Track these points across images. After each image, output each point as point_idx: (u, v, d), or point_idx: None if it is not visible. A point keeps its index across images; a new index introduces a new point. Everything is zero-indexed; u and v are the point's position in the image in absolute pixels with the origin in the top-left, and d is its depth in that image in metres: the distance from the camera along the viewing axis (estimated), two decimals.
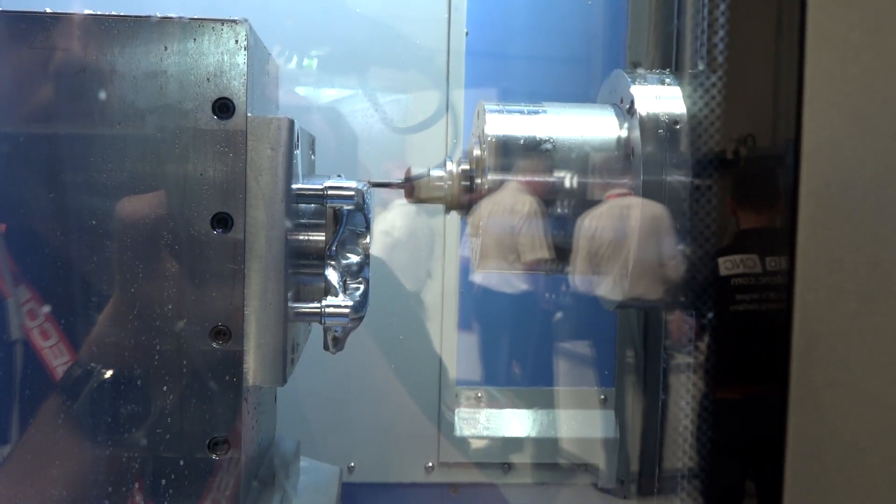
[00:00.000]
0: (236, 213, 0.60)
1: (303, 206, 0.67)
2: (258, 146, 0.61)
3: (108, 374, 0.60)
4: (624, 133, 0.71)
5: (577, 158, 0.71)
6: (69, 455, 0.60)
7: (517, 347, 1.24)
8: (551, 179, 0.71)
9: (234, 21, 0.60)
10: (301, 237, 0.68)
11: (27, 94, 0.59)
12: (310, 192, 0.66)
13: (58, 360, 0.59)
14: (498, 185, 0.71)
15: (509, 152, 0.72)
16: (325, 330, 0.67)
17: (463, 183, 0.74)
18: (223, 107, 0.60)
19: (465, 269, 1.15)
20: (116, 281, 0.59)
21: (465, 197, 0.74)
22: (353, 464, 1.16)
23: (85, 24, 0.59)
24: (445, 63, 1.13)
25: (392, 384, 1.15)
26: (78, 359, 0.60)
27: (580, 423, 1.22)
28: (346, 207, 0.67)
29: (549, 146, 0.71)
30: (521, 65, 1.24)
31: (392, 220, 1.14)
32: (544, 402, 1.22)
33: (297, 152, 0.65)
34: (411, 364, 1.16)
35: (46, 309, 0.59)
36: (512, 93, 1.27)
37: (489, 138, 0.71)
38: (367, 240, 0.71)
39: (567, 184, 0.71)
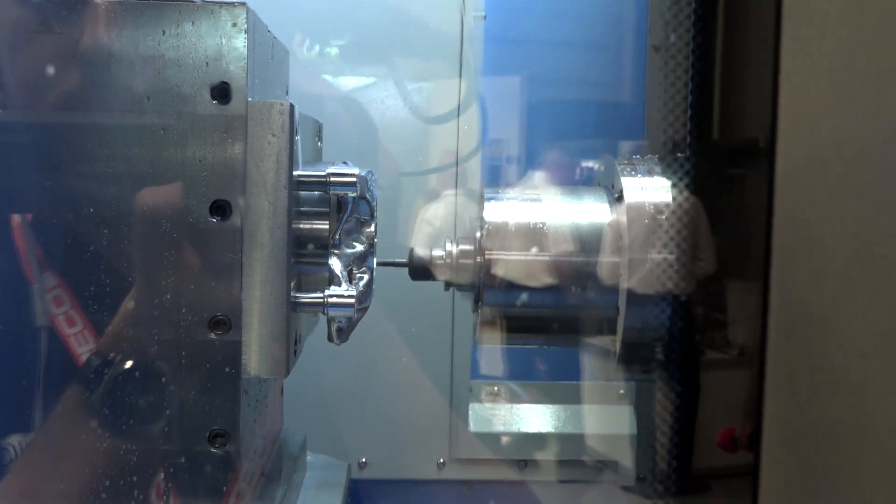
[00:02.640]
0: (235, 201, 0.61)
1: (305, 193, 0.67)
2: (259, 132, 0.61)
3: (107, 367, 0.61)
4: (613, 218, 0.78)
5: (568, 241, 0.79)
6: (76, 447, 0.61)
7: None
8: (545, 259, 0.79)
9: (232, 3, 0.60)
10: (304, 225, 0.68)
11: (22, 80, 0.59)
12: (312, 179, 0.66)
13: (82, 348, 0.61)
14: (495, 266, 0.79)
15: (506, 236, 0.79)
16: (329, 321, 0.67)
17: (463, 261, 0.82)
18: (222, 91, 0.60)
19: None
20: (112, 270, 0.60)
21: (466, 275, 0.82)
22: (364, 459, 1.16)
23: (81, 8, 0.59)
24: (460, 49, 1.12)
25: (404, 378, 1.14)
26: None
27: (598, 418, 1.20)
28: (349, 195, 0.67)
29: (542, 231, 0.79)
30: (541, 50, 1.23)
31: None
32: (561, 396, 1.21)
33: (298, 138, 0.65)
34: (423, 356, 1.15)
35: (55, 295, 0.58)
36: (533, 80, 1.25)
37: (487, 225, 0.79)
38: (372, 228, 0.71)
39: (559, 264, 0.79)
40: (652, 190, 0.77)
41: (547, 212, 0.81)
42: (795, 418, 0.52)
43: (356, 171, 0.66)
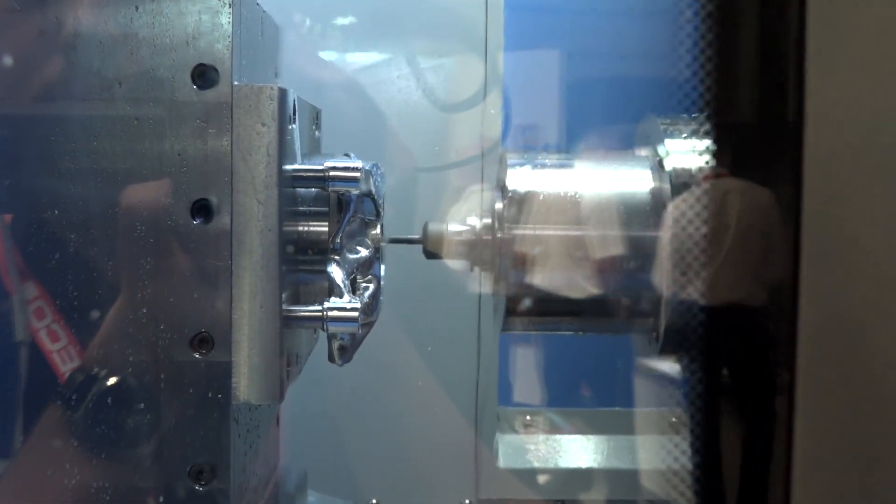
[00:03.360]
0: (221, 200, 0.61)
1: (301, 191, 0.68)
2: (246, 120, 0.62)
3: (74, 392, 0.62)
4: (655, 186, 0.79)
5: (604, 214, 0.79)
6: (41, 485, 0.62)
7: (567, 360, 1.23)
8: (577, 234, 0.79)
9: None
10: (300, 228, 0.68)
11: None
12: (308, 175, 0.67)
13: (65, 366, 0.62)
14: (519, 241, 0.80)
15: (532, 208, 0.80)
16: (330, 337, 0.68)
17: (484, 238, 0.82)
18: (203, 74, 0.61)
19: None
20: (78, 281, 0.61)
21: (488, 253, 0.82)
22: (375, 501, 1.17)
23: None
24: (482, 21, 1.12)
25: (421, 403, 1.15)
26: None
27: (650, 450, 1.20)
28: (352, 192, 0.68)
29: (575, 202, 0.79)
30: (572, 20, 1.23)
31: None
32: (605, 425, 1.20)
33: (294, 127, 0.66)
34: (444, 380, 1.16)
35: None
36: (565, 56, 1.25)
37: (510, 194, 0.79)
38: (378, 230, 0.71)
39: (593, 239, 0.79)
40: (699, 154, 0.76)
41: (579, 179, 0.81)
42: (829, 439, 0.53)
43: (359, 164, 0.67)
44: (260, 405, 0.69)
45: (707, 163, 0.73)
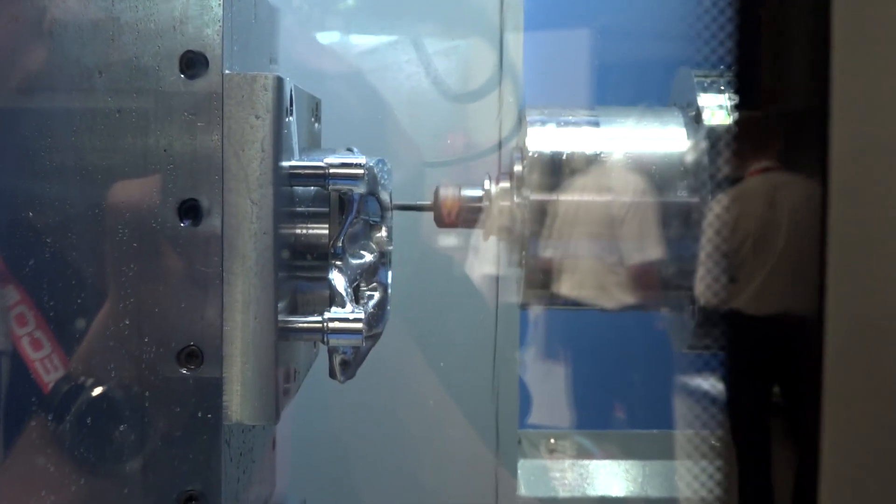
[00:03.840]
0: (211, 200, 0.62)
1: (300, 189, 0.68)
2: (238, 112, 0.62)
3: (52, 411, 0.63)
4: (691, 145, 0.79)
5: (636, 177, 0.79)
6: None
7: (596, 377, 1.23)
8: (604, 201, 0.80)
9: None
10: (298, 230, 0.69)
11: None
12: (307, 172, 0.67)
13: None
14: (540, 207, 0.79)
15: (555, 171, 0.80)
16: (331, 351, 0.68)
17: (502, 203, 0.82)
18: (192, 62, 0.62)
19: None
20: (63, 286, 0.62)
21: (506, 220, 0.82)
22: None
23: None
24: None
25: (433, 424, 1.15)
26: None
27: (689, 476, 1.20)
28: (354, 191, 0.68)
29: (602, 163, 0.79)
30: None
31: None
32: (637, 449, 1.20)
33: (292, 119, 0.66)
34: (458, 399, 1.15)
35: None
36: (599, 34, 1.25)
37: (531, 154, 0.80)
38: (384, 233, 0.72)
39: (624, 207, 0.79)
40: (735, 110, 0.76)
41: (607, 138, 0.81)
42: (859, 454, 0.54)
43: (363, 159, 0.67)
44: (254, 426, 0.70)
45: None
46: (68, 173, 0.61)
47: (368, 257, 0.71)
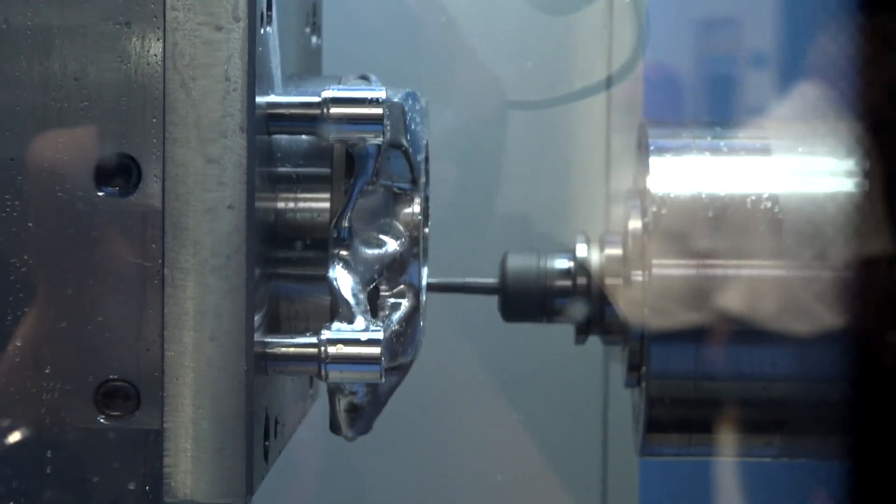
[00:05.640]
0: (144, 157, 0.54)
1: (285, 140, 0.61)
2: (188, 20, 0.52)
3: None
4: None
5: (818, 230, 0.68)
6: None
7: None
8: (778, 272, 0.67)
9: None
10: (281, 204, 0.61)
11: None
12: (295, 112, 0.58)
13: None
14: (671, 289, 0.67)
15: (696, 224, 0.67)
16: (333, 392, 0.60)
17: (612, 282, 0.71)
18: None
19: None
20: None
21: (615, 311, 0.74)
22: None
23: None
24: None
25: None
26: None
27: None
28: (370, 141, 0.58)
29: (769, 212, 0.66)
30: None
31: None
32: None
33: (271, 30, 0.58)
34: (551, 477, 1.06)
35: None
36: None
37: (657, 198, 0.67)
38: (416, 208, 0.61)
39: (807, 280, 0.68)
40: None
41: (778, 173, 0.68)
42: None
43: (383, 93, 0.57)
44: None
45: None
46: None
47: (392, 246, 0.60)
